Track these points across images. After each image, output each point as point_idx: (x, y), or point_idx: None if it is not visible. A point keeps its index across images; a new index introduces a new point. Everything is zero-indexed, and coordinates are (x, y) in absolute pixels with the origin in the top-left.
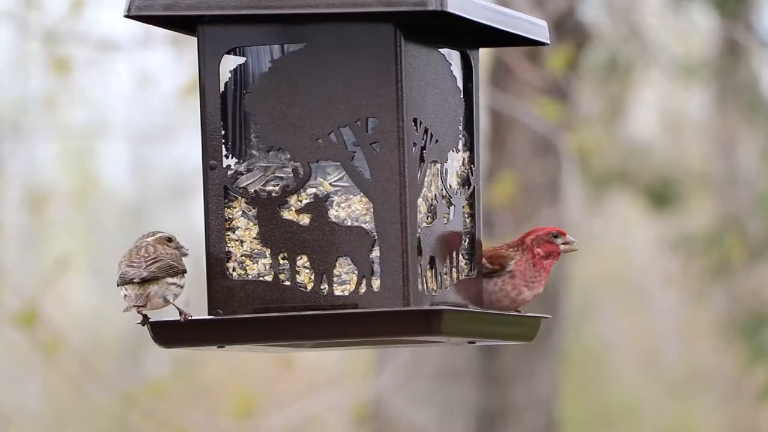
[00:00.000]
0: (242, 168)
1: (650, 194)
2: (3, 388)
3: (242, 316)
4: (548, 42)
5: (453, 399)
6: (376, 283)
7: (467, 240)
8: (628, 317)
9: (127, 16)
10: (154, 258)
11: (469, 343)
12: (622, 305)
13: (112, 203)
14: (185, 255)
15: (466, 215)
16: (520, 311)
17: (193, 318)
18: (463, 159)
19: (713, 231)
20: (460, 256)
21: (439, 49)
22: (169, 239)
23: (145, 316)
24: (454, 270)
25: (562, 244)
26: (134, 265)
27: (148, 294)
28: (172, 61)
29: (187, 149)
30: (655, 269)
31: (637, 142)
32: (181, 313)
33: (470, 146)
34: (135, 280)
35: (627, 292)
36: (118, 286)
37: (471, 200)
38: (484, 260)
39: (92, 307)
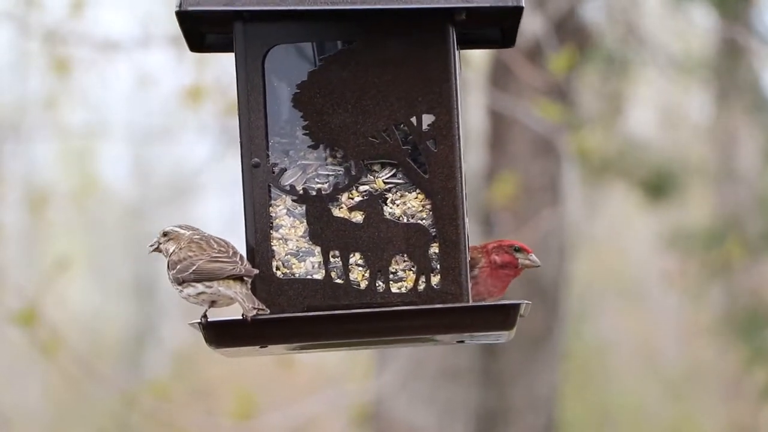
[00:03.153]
0: (282, 166)
1: (646, 186)
2: (3, 388)
3: (309, 314)
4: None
5: (453, 399)
6: (435, 279)
7: None
8: (628, 317)
9: (178, 13)
10: (236, 252)
11: (458, 342)
12: (621, 305)
13: (112, 203)
14: None
15: None
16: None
17: (261, 317)
18: None
19: (713, 230)
20: None
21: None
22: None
23: (205, 316)
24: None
25: (521, 259)
26: (223, 261)
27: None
28: (172, 62)
29: (187, 149)
30: (655, 269)
31: (635, 137)
32: (248, 311)
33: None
34: (245, 277)
35: (627, 292)
36: (189, 283)
37: None
38: None
39: (92, 307)
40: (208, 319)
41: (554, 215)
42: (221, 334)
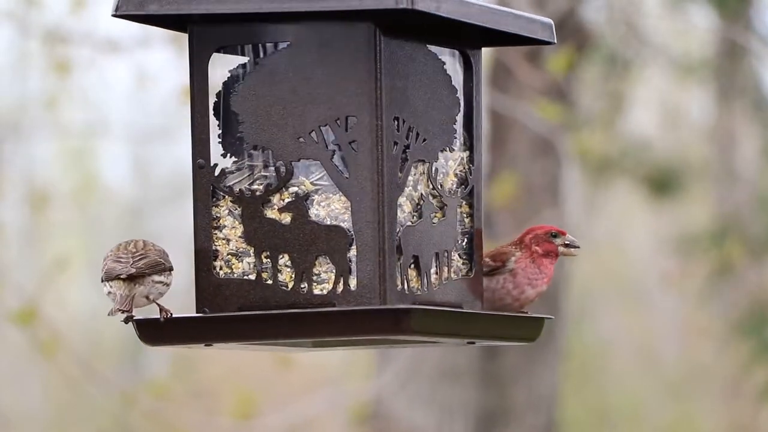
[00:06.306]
0: (231, 167)
1: (650, 182)
2: (3, 388)
3: (222, 314)
4: (552, 41)
5: (453, 399)
6: (353, 282)
7: (465, 239)
8: (628, 318)
9: (114, 16)
10: (141, 254)
11: (468, 343)
12: (622, 306)
13: (112, 203)
14: None
15: (465, 214)
16: (526, 311)
17: (173, 316)
18: (462, 158)
19: (713, 231)
20: (456, 256)
21: (429, 48)
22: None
23: (129, 315)
24: (445, 269)
25: (561, 245)
26: (121, 260)
27: (133, 295)
28: (172, 61)
29: (186, 149)
30: (655, 269)
31: (635, 136)
32: (161, 310)
33: (470, 146)
34: (122, 277)
35: (627, 292)
36: (102, 282)
37: (470, 199)
38: (487, 258)
39: (92, 306)
40: (134, 318)
41: (554, 215)
42: (148, 332)
